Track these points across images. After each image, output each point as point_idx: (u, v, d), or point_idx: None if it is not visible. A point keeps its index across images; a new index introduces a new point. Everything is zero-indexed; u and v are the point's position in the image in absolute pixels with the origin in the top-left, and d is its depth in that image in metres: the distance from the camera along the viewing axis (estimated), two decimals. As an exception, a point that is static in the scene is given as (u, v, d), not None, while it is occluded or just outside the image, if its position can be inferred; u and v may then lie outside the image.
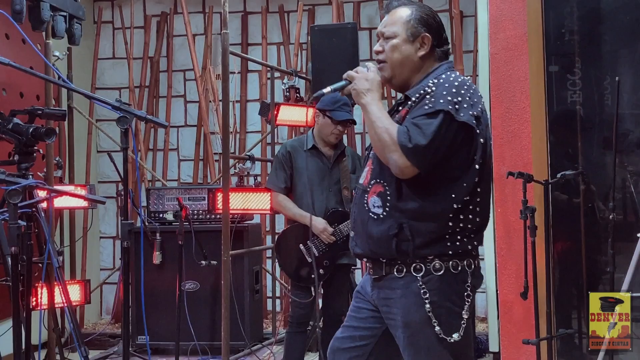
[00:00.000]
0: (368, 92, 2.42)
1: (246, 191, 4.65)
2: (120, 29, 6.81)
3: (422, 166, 2.28)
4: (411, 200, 2.34)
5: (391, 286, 2.39)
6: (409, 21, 2.47)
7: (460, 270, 2.35)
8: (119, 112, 2.63)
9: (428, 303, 2.31)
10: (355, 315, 2.59)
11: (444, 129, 2.27)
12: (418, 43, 2.46)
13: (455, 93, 2.32)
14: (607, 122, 4.41)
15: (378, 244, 2.39)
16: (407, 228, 2.33)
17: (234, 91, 6.54)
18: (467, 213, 2.34)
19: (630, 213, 4.57)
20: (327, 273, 4.18)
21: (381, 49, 2.50)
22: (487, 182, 2.42)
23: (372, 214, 2.40)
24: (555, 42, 4.58)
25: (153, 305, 4.92)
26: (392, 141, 2.29)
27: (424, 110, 2.30)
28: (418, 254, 2.33)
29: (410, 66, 2.48)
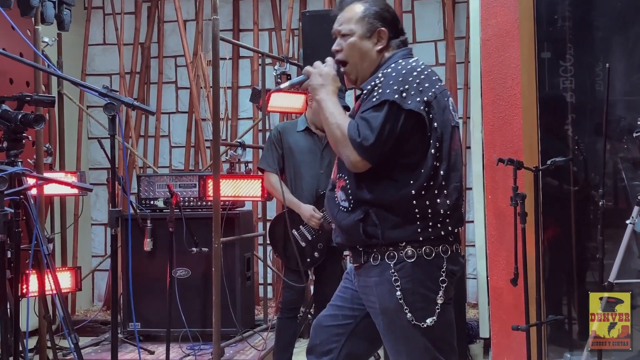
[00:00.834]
0: (322, 88, 2.45)
1: (237, 178, 4.64)
2: (110, 14, 6.77)
3: (372, 159, 2.31)
4: (371, 190, 2.37)
5: (368, 274, 2.43)
6: (364, 17, 2.49)
7: (434, 256, 2.37)
8: (107, 99, 2.61)
9: (399, 290, 2.34)
10: (341, 295, 2.64)
11: (391, 120, 2.29)
12: (375, 38, 2.49)
13: (401, 81, 2.33)
14: (599, 109, 4.40)
15: (349, 233, 2.43)
16: (373, 213, 2.36)
17: (225, 77, 6.52)
18: (432, 196, 2.36)
19: (621, 199, 4.58)
20: (322, 256, 4.18)
21: (339, 48, 2.51)
22: (450, 165, 2.41)
23: (341, 207, 2.45)
24: (548, 28, 4.57)
25: (144, 292, 4.92)
26: (343, 136, 2.33)
27: (371, 103, 2.33)
28: (387, 238, 2.36)
29: (369, 61, 2.50)
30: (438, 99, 2.39)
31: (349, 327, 2.57)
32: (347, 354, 2.57)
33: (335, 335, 2.57)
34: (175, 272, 4.78)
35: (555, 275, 4.57)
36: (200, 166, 6.47)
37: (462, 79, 6.14)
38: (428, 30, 6.37)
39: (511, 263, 3.98)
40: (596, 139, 4.47)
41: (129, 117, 6.54)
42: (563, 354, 4.30)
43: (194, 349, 4.75)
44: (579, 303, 4.54)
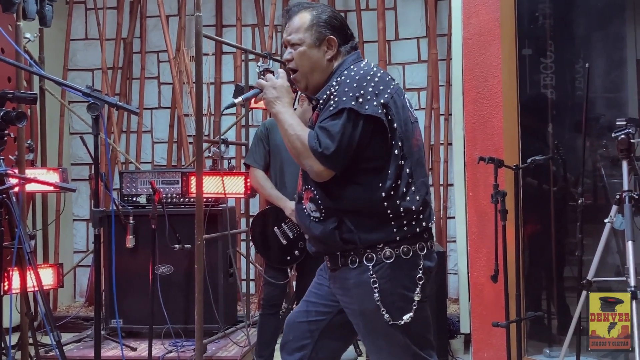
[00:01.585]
0: (277, 100, 2.44)
1: (220, 175, 4.64)
2: (92, 9, 6.73)
3: (335, 167, 2.32)
4: (339, 198, 2.38)
5: (345, 277, 2.43)
6: (312, 26, 2.48)
7: (411, 255, 2.39)
8: (90, 99, 2.61)
9: (377, 292, 2.35)
10: (315, 292, 2.65)
11: (350, 127, 2.30)
12: (324, 46, 2.49)
13: (356, 87, 2.34)
14: (579, 106, 4.46)
15: (325, 242, 2.44)
16: (348, 220, 2.37)
17: (208, 73, 6.51)
18: (401, 196, 2.37)
19: (600, 197, 4.64)
20: (302, 254, 4.19)
21: (290, 58, 2.51)
22: (415, 161, 2.44)
23: (312, 217, 2.45)
24: (529, 25, 4.61)
25: (126, 288, 4.91)
26: (304, 147, 2.33)
27: (329, 111, 2.34)
28: (365, 241, 2.37)
29: (320, 70, 2.50)
30: (394, 99, 2.40)
31: (322, 324, 2.58)
32: (320, 350, 2.58)
33: (308, 332, 2.58)
34: (157, 269, 4.79)
35: (535, 272, 4.62)
36: (183, 162, 6.46)
37: (444, 76, 6.17)
38: (410, 28, 6.40)
39: (492, 260, 4.02)
40: (576, 136, 4.52)
41: (111, 112, 6.52)
42: (542, 350, 4.35)
43: (177, 346, 4.75)
44: (558, 299, 4.59)
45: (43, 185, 4.27)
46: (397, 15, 6.43)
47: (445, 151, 6.16)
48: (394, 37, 6.41)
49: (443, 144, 6.17)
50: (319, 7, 2.55)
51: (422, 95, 6.26)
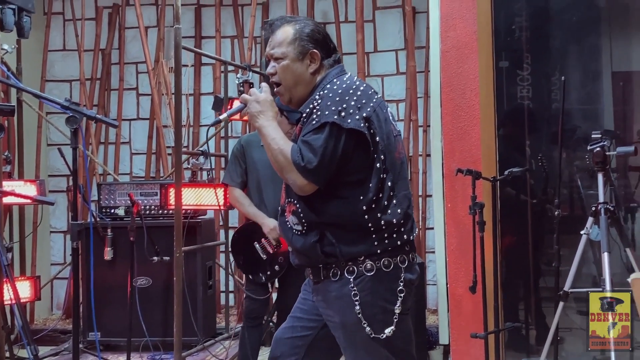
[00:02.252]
0: (260, 114, 2.45)
1: (199, 186, 4.64)
2: (70, 20, 6.70)
3: (318, 181, 2.34)
4: (322, 211, 2.39)
5: (327, 289, 2.45)
6: (295, 40, 2.50)
7: (392, 267, 2.40)
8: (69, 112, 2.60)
9: (358, 305, 2.36)
10: (300, 307, 2.66)
11: (333, 141, 2.31)
12: (308, 60, 2.51)
13: (339, 101, 2.36)
14: (556, 118, 4.51)
15: (307, 255, 2.45)
16: (329, 234, 2.39)
17: (187, 84, 6.50)
18: (382, 209, 2.38)
19: (576, 207, 4.69)
20: (282, 269, 4.19)
21: (274, 72, 2.52)
22: (397, 175, 2.45)
23: (294, 230, 2.47)
24: (506, 38, 4.66)
25: (104, 301, 4.88)
26: (287, 161, 2.35)
27: (312, 125, 2.35)
28: (346, 254, 2.38)
29: (304, 84, 2.52)
30: (377, 112, 2.42)
31: (308, 339, 2.58)
32: None
33: (295, 347, 2.59)
34: (136, 281, 4.77)
35: (513, 283, 4.66)
36: (162, 173, 6.44)
37: (422, 88, 6.21)
38: (389, 40, 6.44)
39: (470, 271, 4.04)
40: (552, 147, 4.57)
41: (89, 124, 6.48)
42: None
43: (155, 359, 4.73)
44: (535, 310, 4.63)
45: (21, 198, 4.25)
46: (376, 28, 6.47)
47: (423, 162, 6.19)
48: (372, 49, 6.44)
49: (422, 156, 6.20)
50: (302, 21, 2.56)
51: (401, 107, 6.29)
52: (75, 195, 2.70)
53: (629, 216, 4.47)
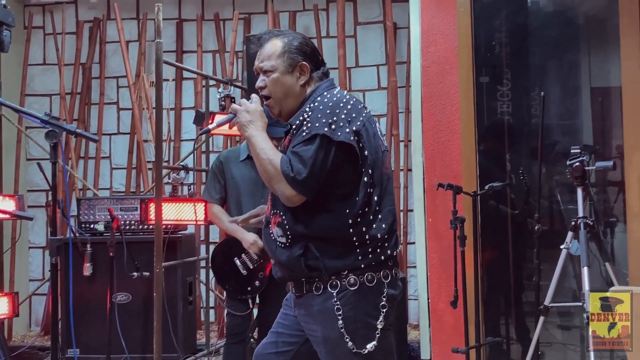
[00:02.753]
0: (250, 124, 2.45)
1: (179, 201, 4.61)
2: (51, 34, 6.68)
3: (307, 193, 2.34)
4: (306, 223, 2.39)
5: (310, 303, 2.44)
6: (284, 52, 2.50)
7: (375, 282, 2.39)
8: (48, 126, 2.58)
9: (341, 319, 2.36)
10: (281, 322, 2.64)
11: (323, 153, 2.32)
12: (297, 72, 2.51)
13: (329, 114, 2.36)
14: (536, 132, 4.53)
15: (291, 268, 2.44)
16: (313, 247, 2.38)
17: (168, 99, 6.49)
18: (368, 223, 2.39)
19: (556, 222, 4.71)
20: (263, 285, 4.17)
21: (263, 85, 2.53)
22: (383, 188, 2.46)
23: (278, 242, 2.46)
24: (486, 54, 4.70)
25: (83, 317, 4.83)
26: (276, 172, 2.35)
27: (302, 137, 2.36)
28: (330, 268, 2.38)
29: (294, 96, 2.52)
30: (366, 126, 2.43)
31: (290, 354, 2.57)
32: None
33: None
34: (115, 297, 4.72)
35: (494, 298, 4.66)
36: (142, 188, 6.40)
37: (404, 103, 6.24)
38: (370, 55, 6.47)
39: (451, 285, 4.04)
40: (532, 162, 4.59)
41: (69, 138, 6.44)
42: (502, 375, 4.38)
43: (135, 375, 4.69)
44: (516, 324, 4.63)
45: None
46: (357, 43, 6.49)
47: (405, 177, 6.21)
48: (354, 65, 6.47)
49: (403, 170, 6.22)
50: (290, 34, 2.57)
51: (382, 122, 6.31)
52: (55, 210, 2.68)
53: (608, 231, 4.49)
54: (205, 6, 6.70)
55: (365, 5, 6.48)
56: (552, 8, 4.98)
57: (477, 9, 4.48)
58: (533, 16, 4.97)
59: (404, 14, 6.07)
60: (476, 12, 4.45)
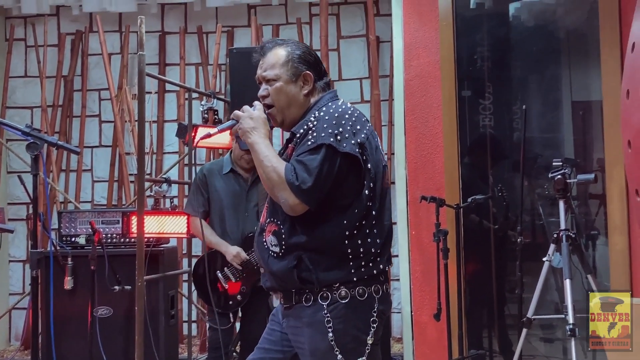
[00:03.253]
0: (253, 131, 2.43)
1: (162, 214, 4.59)
2: (33, 46, 6.64)
3: (311, 202, 2.32)
4: (304, 233, 2.36)
5: (299, 315, 2.41)
6: (288, 61, 2.49)
7: (367, 296, 2.38)
8: (30, 138, 2.56)
9: (331, 332, 2.34)
10: (268, 338, 2.60)
11: (328, 163, 2.31)
12: (301, 82, 2.50)
13: (335, 125, 2.36)
14: (517, 146, 4.56)
15: (282, 279, 2.41)
16: (306, 258, 2.35)
17: (151, 111, 6.46)
18: (363, 236, 2.37)
19: (538, 235, 4.73)
20: (245, 299, 4.16)
21: (266, 94, 2.51)
22: (382, 203, 2.45)
23: (271, 252, 2.43)
24: (468, 68, 4.73)
25: (64, 331, 4.77)
26: (280, 180, 2.32)
27: (307, 146, 2.34)
28: (322, 281, 2.36)
29: (297, 105, 2.51)
30: (370, 140, 2.42)
31: None
32: None
33: None
34: (96, 311, 4.67)
35: (477, 310, 4.67)
36: (124, 201, 6.37)
37: (387, 116, 6.26)
38: (353, 69, 6.49)
39: (434, 298, 4.05)
40: (514, 175, 4.62)
41: (50, 151, 6.39)
42: (485, 388, 4.38)
43: (116, 390, 4.63)
44: (499, 337, 4.64)
45: (-22, 226, 4.16)
46: (340, 57, 6.52)
47: (388, 190, 6.22)
48: (337, 78, 6.49)
49: (386, 183, 6.24)
50: (293, 44, 2.55)
51: (365, 135, 6.33)
52: (35, 223, 2.65)
53: (590, 243, 4.52)
54: (188, 19, 6.70)
55: (348, 19, 6.52)
56: (534, 22, 5.02)
57: (459, 23, 4.51)
58: (515, 30, 5.01)
59: (387, 28, 6.11)
60: (458, 26, 4.49)
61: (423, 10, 4.53)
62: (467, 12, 4.76)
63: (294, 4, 6.48)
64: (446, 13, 4.46)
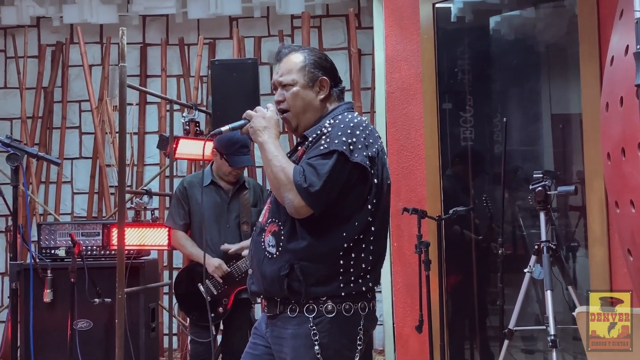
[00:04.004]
0: (265, 130, 2.43)
1: (143, 226, 4.56)
2: (13, 57, 6.60)
3: (316, 206, 2.30)
4: (302, 239, 2.35)
5: (284, 325, 2.39)
6: (304, 67, 2.50)
7: (353, 313, 2.36)
8: (10, 149, 2.54)
9: (317, 345, 2.32)
10: (250, 352, 2.57)
11: (338, 170, 2.30)
12: (317, 87, 2.50)
13: (350, 134, 2.35)
14: (498, 158, 4.59)
15: (271, 284, 2.39)
16: (298, 268, 2.33)
17: (132, 123, 6.44)
18: (359, 251, 2.36)
19: (519, 246, 4.76)
20: (226, 312, 4.14)
21: (282, 99, 2.51)
22: (382, 221, 2.44)
23: (267, 252, 2.40)
24: (449, 80, 4.75)
25: (43, 345, 4.71)
26: (287, 180, 2.31)
27: (319, 150, 2.33)
28: (310, 294, 2.34)
29: (313, 111, 2.51)
30: (380, 155, 2.42)
31: None
32: None
33: None
34: (76, 324, 4.63)
35: (459, 322, 4.68)
36: (104, 213, 6.32)
37: (368, 129, 6.27)
38: (335, 80, 6.50)
39: (416, 310, 4.05)
40: (495, 187, 4.64)
41: (30, 162, 6.35)
42: (467, 399, 4.38)
43: (96, 404, 4.58)
44: (481, 348, 4.65)
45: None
46: (322, 69, 6.53)
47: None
48: (319, 90, 6.50)
49: (367, 195, 6.24)
50: (309, 49, 2.57)
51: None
52: (15, 234, 2.62)
53: (570, 255, 4.54)
54: (170, 31, 6.69)
55: (330, 32, 6.54)
56: (514, 36, 5.07)
57: (441, 37, 4.54)
58: (495, 44, 5.05)
59: (369, 41, 6.14)
60: (439, 40, 4.51)
61: (404, 24, 4.56)
62: (448, 26, 4.80)
63: (275, 16, 6.50)
64: (427, 26, 4.48)
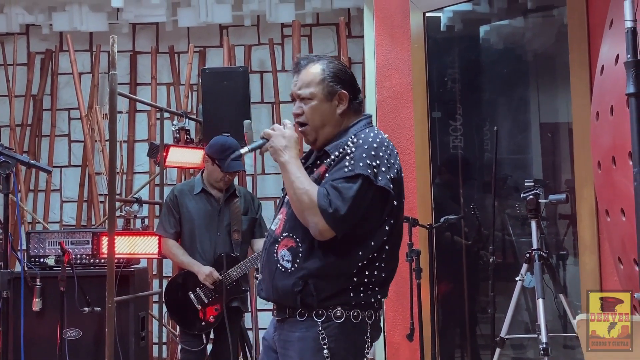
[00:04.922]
0: (286, 150, 2.38)
1: (133, 235, 4.55)
2: (1, 65, 6.57)
3: (340, 230, 2.29)
4: (319, 258, 2.33)
5: (291, 329, 2.39)
6: (323, 80, 2.45)
7: (360, 320, 2.36)
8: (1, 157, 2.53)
9: (326, 348, 2.32)
10: None
11: (362, 194, 2.29)
12: (336, 101, 2.46)
13: (374, 156, 2.33)
14: (487, 166, 4.61)
15: (282, 297, 2.38)
16: (312, 284, 2.33)
17: (122, 131, 6.42)
18: (372, 269, 2.36)
19: (509, 255, 4.77)
20: (217, 320, 4.13)
21: (300, 112, 2.47)
22: (396, 240, 2.44)
23: (280, 265, 2.39)
24: (439, 89, 4.78)
25: (33, 354, 4.67)
26: (312, 204, 2.28)
27: (343, 172, 2.31)
28: (322, 305, 2.34)
29: (332, 125, 2.47)
30: (400, 175, 2.42)
31: None
32: None
33: None
34: (65, 333, 4.60)
35: (450, 330, 4.68)
36: (93, 222, 6.29)
37: (358, 137, 6.28)
38: (325, 89, 6.50)
39: (407, 318, 4.05)
40: (485, 195, 4.66)
41: (19, 170, 6.31)
42: (458, 408, 4.38)
43: (85, 414, 4.55)
44: (472, 356, 4.66)
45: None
46: (312, 77, 6.53)
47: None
48: (309, 98, 6.50)
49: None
50: (328, 60, 2.51)
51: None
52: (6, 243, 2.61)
53: (560, 263, 4.57)
54: (160, 39, 6.68)
55: (320, 40, 6.55)
56: (503, 45, 5.10)
57: (431, 45, 4.56)
58: (485, 53, 5.09)
59: (359, 49, 6.16)
60: (430, 48, 4.53)
61: (395, 33, 4.57)
62: (438, 35, 4.82)
63: (266, 25, 6.50)
64: (418, 35, 4.50)
